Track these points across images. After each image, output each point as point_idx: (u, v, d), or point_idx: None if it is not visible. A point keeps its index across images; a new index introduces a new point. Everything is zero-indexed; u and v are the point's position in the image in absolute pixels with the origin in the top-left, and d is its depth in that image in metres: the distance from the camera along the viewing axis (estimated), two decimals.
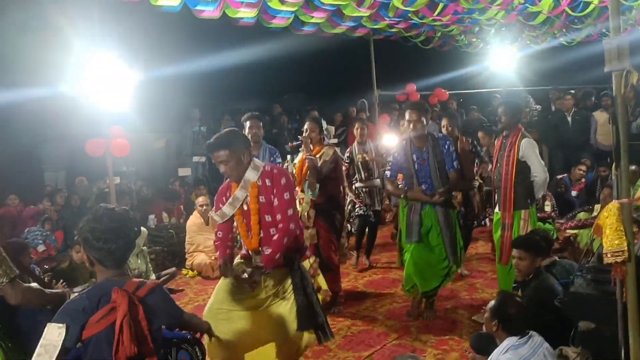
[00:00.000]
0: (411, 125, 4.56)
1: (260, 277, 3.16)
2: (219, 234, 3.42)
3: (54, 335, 2.04)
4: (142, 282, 2.26)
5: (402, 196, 4.68)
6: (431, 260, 4.61)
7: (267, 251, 3.20)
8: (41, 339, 2.07)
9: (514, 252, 3.70)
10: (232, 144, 3.14)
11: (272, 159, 4.82)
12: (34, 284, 2.57)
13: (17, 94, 7.01)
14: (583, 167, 7.91)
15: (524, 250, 3.63)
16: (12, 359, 2.64)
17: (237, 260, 3.44)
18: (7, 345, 2.74)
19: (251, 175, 3.20)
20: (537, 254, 3.63)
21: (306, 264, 3.54)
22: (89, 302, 2.14)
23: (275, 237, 3.20)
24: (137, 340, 2.10)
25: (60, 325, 2.06)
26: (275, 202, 3.19)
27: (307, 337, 3.41)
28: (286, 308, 3.29)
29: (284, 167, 5.05)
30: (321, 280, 4.46)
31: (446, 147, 4.58)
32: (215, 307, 3.26)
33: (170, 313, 2.33)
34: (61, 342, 2.03)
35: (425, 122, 4.55)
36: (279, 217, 3.18)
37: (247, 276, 3.17)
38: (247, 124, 4.83)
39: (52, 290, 2.66)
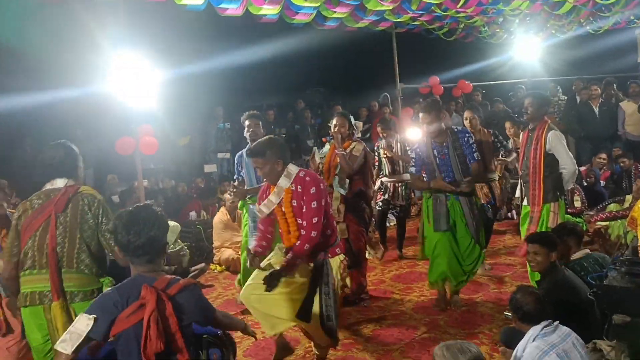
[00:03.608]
0: (426, 127, 4.64)
1: (277, 282, 3.28)
2: (260, 226, 3.62)
3: (82, 325, 2.11)
4: (175, 279, 2.28)
5: (426, 187, 4.72)
6: (458, 251, 4.65)
7: (289, 254, 3.35)
8: (71, 325, 2.15)
9: (529, 247, 3.71)
10: (266, 153, 3.37)
11: None
12: None
13: (48, 95, 7.17)
14: (603, 155, 7.88)
15: (539, 245, 3.64)
16: None
17: (276, 251, 3.61)
18: None
19: (283, 182, 3.40)
20: (551, 249, 3.64)
21: (336, 260, 3.56)
22: (119, 297, 2.19)
23: (297, 243, 3.36)
24: (166, 337, 2.12)
25: (90, 317, 2.12)
26: (304, 209, 3.34)
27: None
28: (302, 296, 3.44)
29: (311, 156, 5.33)
30: (348, 281, 4.49)
31: (465, 139, 4.64)
32: (250, 291, 3.45)
33: (202, 312, 2.35)
34: (86, 332, 2.09)
35: (439, 119, 4.58)
36: (304, 223, 3.34)
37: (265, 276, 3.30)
38: (246, 122, 4.98)
39: None
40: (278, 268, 3.31)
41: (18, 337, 3.49)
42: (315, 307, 3.39)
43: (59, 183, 3.12)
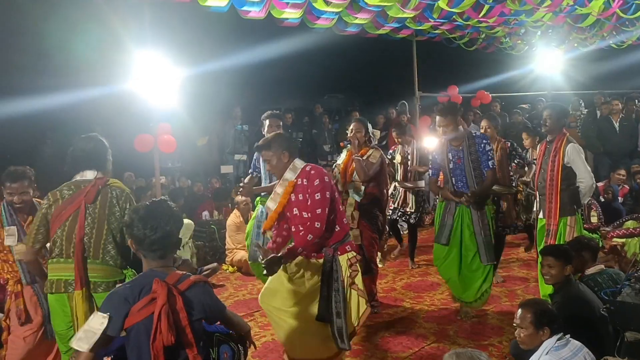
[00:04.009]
0: (442, 130, 4.61)
1: (277, 265, 3.28)
2: (275, 223, 3.62)
3: (97, 323, 2.15)
4: (185, 275, 2.30)
5: (438, 193, 4.74)
6: (464, 262, 4.63)
7: (291, 244, 3.38)
8: (85, 324, 2.19)
9: (543, 259, 3.65)
10: (271, 146, 3.47)
11: None
12: None
13: (73, 94, 7.29)
14: (622, 171, 7.77)
15: (554, 258, 3.58)
16: None
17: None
18: None
19: (289, 175, 3.45)
20: (566, 262, 3.58)
21: (344, 258, 3.56)
22: (131, 291, 2.21)
23: (301, 233, 3.36)
24: (176, 330, 2.15)
25: (104, 315, 2.16)
26: (308, 201, 3.34)
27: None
28: (316, 296, 3.44)
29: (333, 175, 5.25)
30: (358, 280, 4.48)
31: (482, 145, 4.57)
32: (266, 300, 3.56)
33: (212, 308, 2.36)
34: (101, 331, 2.13)
35: (456, 122, 4.56)
36: (309, 214, 3.33)
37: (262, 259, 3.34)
38: (267, 122, 4.93)
39: None
40: (279, 254, 3.30)
41: (35, 327, 3.54)
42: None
43: (89, 175, 3.22)
